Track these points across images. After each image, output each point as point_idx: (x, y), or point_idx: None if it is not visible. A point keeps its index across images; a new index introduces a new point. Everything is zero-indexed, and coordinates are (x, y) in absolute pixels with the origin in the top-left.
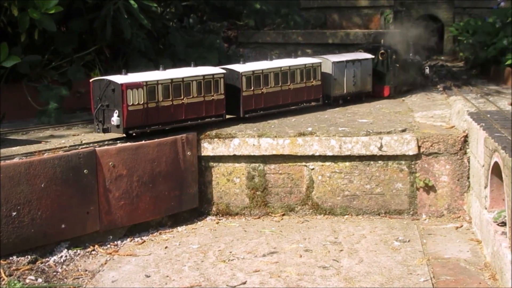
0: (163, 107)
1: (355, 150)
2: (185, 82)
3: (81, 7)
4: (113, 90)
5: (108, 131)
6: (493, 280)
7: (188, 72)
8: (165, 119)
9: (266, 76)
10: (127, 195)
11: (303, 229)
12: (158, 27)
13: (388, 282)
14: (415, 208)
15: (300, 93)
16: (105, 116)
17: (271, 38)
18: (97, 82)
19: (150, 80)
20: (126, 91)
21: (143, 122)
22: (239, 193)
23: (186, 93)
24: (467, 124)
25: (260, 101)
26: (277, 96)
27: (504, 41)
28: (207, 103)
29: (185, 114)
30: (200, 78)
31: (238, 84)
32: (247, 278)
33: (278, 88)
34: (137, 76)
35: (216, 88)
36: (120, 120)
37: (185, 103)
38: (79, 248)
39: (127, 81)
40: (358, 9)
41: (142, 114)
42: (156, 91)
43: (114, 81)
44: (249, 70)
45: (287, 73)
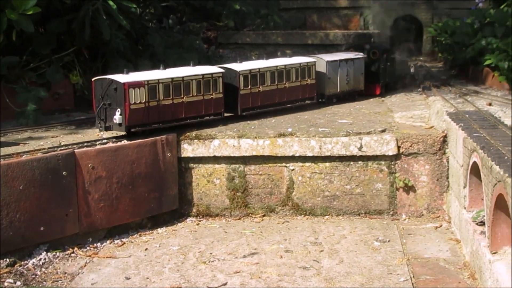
0: (164, 106)
1: (335, 150)
2: (185, 81)
3: (59, 8)
4: (115, 89)
5: (110, 129)
6: (472, 279)
7: (188, 71)
8: (166, 118)
9: (262, 75)
10: (107, 197)
11: (284, 229)
12: (137, 28)
13: (368, 282)
14: (395, 208)
15: (296, 92)
16: (107, 114)
17: (251, 39)
18: (99, 81)
19: (152, 79)
20: (128, 90)
21: (145, 121)
22: (219, 194)
23: (186, 92)
24: (446, 124)
25: (257, 100)
26: (274, 95)
27: (482, 41)
28: (206, 101)
29: (185, 113)
30: (200, 77)
31: (235, 83)
32: (227, 279)
33: (274, 86)
34: (138, 75)
35: (215, 87)
36: (122, 119)
37: (185, 101)
38: (58, 250)
39: (129, 80)
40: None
41: (144, 112)
42: (157, 90)
43: (117, 80)
44: (247, 69)
45: (283, 72)
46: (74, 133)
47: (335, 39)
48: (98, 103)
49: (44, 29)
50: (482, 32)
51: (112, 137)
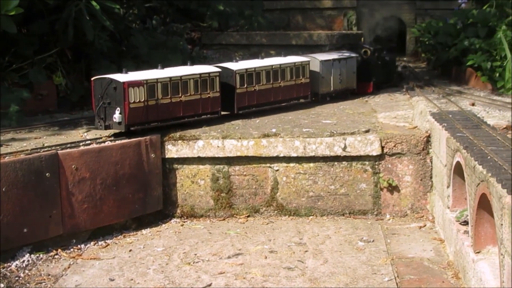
0: (162, 105)
1: (319, 151)
2: (183, 80)
3: (42, 9)
4: (114, 88)
5: (110, 128)
6: (456, 278)
7: (186, 70)
8: (164, 116)
9: (258, 74)
10: (91, 198)
11: (268, 230)
12: (121, 28)
13: (353, 282)
14: (379, 208)
15: (290, 91)
16: (107, 113)
17: (235, 40)
18: (99, 81)
19: (150, 79)
20: (128, 89)
21: (143, 119)
22: (203, 195)
23: (183, 91)
24: (429, 125)
25: (253, 98)
26: (269, 93)
27: (465, 42)
28: (204, 100)
29: (183, 111)
30: (197, 77)
31: (232, 82)
32: (212, 280)
33: (270, 85)
34: (137, 74)
35: (212, 86)
36: (122, 117)
37: (183, 100)
38: (42, 252)
39: (128, 80)
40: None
41: (143, 111)
42: (156, 89)
43: (116, 80)
44: (243, 68)
45: (278, 71)
46: (57, 134)
47: (319, 40)
48: (97, 102)
49: (26, 30)
50: (465, 33)
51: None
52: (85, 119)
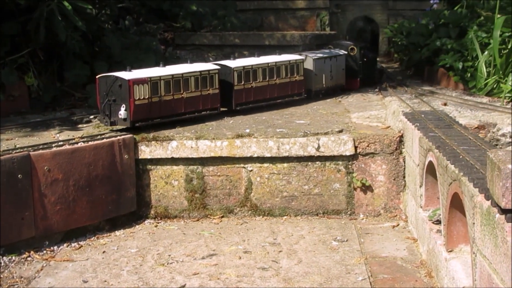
0: (165, 101)
1: (293, 151)
2: (184, 78)
3: (13, 9)
4: (120, 85)
5: (115, 124)
6: (429, 277)
7: (187, 68)
8: (167, 112)
9: (255, 72)
10: (63, 199)
11: (242, 230)
12: (93, 29)
13: (327, 281)
14: (352, 207)
15: (285, 88)
16: (112, 110)
17: (208, 40)
18: (104, 78)
19: (154, 76)
20: (133, 86)
21: (147, 115)
22: (177, 196)
23: (185, 88)
24: (402, 124)
25: (250, 95)
26: (265, 90)
27: (437, 42)
28: (204, 97)
29: (184, 108)
30: (197, 74)
31: (230, 79)
32: (186, 281)
33: (266, 82)
34: (141, 72)
35: (212, 83)
36: (127, 114)
37: (184, 97)
38: (14, 254)
39: (133, 77)
40: (294, 11)
41: (147, 107)
42: (159, 86)
43: (121, 77)
44: (240, 65)
45: (274, 69)
46: (29, 136)
47: (292, 40)
48: (102, 99)
49: None
50: (437, 33)
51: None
52: (57, 120)
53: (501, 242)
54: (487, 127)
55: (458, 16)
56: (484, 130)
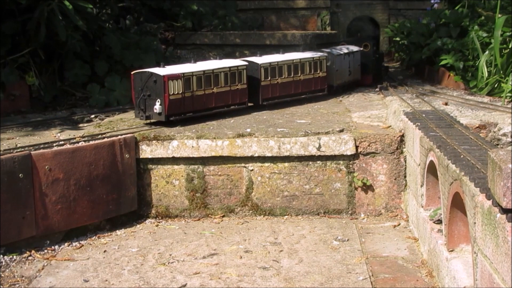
0: (197, 96)
1: (293, 150)
2: (214, 73)
3: (14, 9)
4: (155, 81)
5: (150, 118)
6: (430, 277)
7: (217, 64)
8: (198, 107)
9: (280, 68)
10: (64, 199)
11: (243, 230)
12: (94, 28)
13: (328, 281)
14: (353, 207)
15: (309, 84)
16: (147, 104)
17: (209, 40)
18: (139, 74)
19: (187, 72)
20: (168, 82)
21: (181, 110)
22: (178, 195)
23: (215, 83)
24: (403, 124)
25: (276, 90)
26: (290, 86)
27: (438, 42)
28: (233, 92)
29: (215, 102)
30: (227, 70)
31: (257, 75)
32: (187, 280)
33: (291, 78)
34: (174, 68)
35: (240, 79)
36: (162, 108)
37: (214, 92)
38: (15, 254)
39: (168, 73)
40: (295, 10)
41: (180, 102)
42: (191, 81)
43: (156, 73)
44: (267, 62)
45: (298, 65)
46: (30, 135)
47: (293, 40)
48: (137, 95)
49: None
50: (438, 33)
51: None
52: (58, 120)
53: (502, 242)
54: (488, 127)
55: (459, 15)
56: (485, 129)
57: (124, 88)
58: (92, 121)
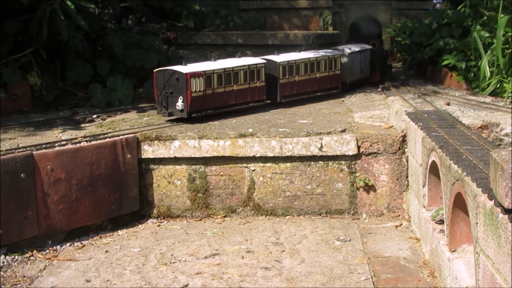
0: (217, 93)
1: (295, 150)
2: (234, 71)
3: (16, 8)
4: (177, 79)
5: (172, 115)
6: (432, 277)
7: (236, 62)
8: (219, 104)
9: (298, 66)
10: (66, 199)
11: (245, 230)
12: (96, 28)
13: (330, 281)
14: (355, 207)
15: (325, 81)
16: (169, 101)
17: (211, 40)
18: (161, 72)
19: (208, 70)
20: (190, 79)
21: (202, 107)
22: (180, 195)
23: (235, 80)
24: (405, 124)
25: (293, 88)
26: (307, 84)
27: (440, 42)
28: (251, 89)
29: (234, 99)
30: (246, 68)
31: (275, 73)
32: (189, 280)
33: (307, 76)
34: (196, 66)
35: (258, 76)
36: (184, 105)
37: (234, 89)
38: (17, 254)
39: (190, 71)
40: (297, 10)
41: (201, 99)
42: (212, 79)
43: (179, 71)
44: (285, 60)
45: (314, 63)
46: (32, 135)
47: (295, 40)
48: (160, 92)
49: (0, 29)
50: (440, 33)
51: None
52: (60, 119)
53: (504, 242)
54: (490, 127)
55: (461, 15)
56: (487, 129)
57: (126, 88)
58: (94, 121)
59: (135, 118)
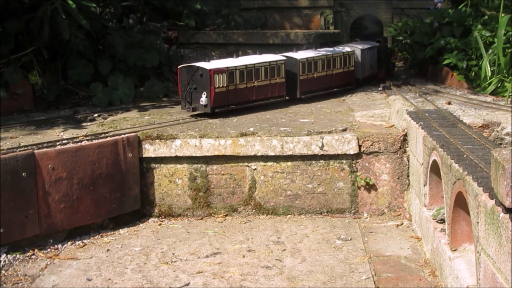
0: (240, 89)
1: (296, 150)
2: (256, 68)
3: (17, 8)
4: (201, 75)
5: (196, 110)
6: (433, 276)
7: (257, 59)
8: (241, 100)
9: (316, 63)
10: (67, 198)
11: (246, 229)
12: (97, 27)
13: (331, 280)
14: (356, 206)
15: (340, 77)
16: (193, 97)
17: (212, 39)
18: (185, 68)
19: (230, 66)
20: (214, 75)
21: (225, 102)
22: (181, 194)
23: (256, 77)
24: (406, 123)
25: (312, 84)
26: (324, 80)
27: (441, 41)
28: (272, 85)
29: (256, 95)
30: (267, 64)
31: (295, 70)
32: (190, 279)
33: (325, 72)
34: (219, 62)
35: (279, 73)
36: (208, 100)
37: (255, 85)
38: (18, 252)
39: (213, 67)
40: (299, 9)
41: (224, 95)
42: (235, 75)
43: (203, 67)
44: (304, 57)
45: (331, 60)
46: (33, 134)
47: (296, 39)
48: (184, 88)
49: (2, 29)
50: (441, 32)
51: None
52: (61, 118)
53: (505, 241)
54: (491, 126)
55: (462, 15)
56: (488, 129)
57: (127, 87)
58: (95, 120)
59: (136, 117)
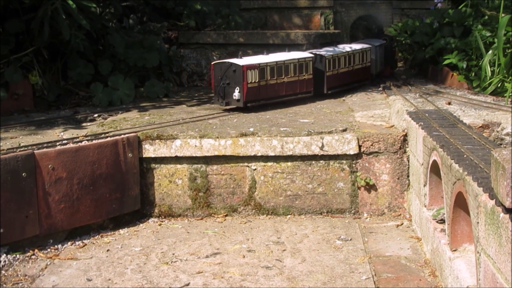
0: (270, 85)
1: (296, 150)
2: (285, 64)
3: (18, 8)
4: (234, 71)
5: (229, 104)
6: (433, 276)
7: (287, 56)
8: (271, 95)
9: (339, 59)
10: (67, 198)
11: (246, 229)
12: (97, 27)
13: (331, 280)
14: (356, 207)
15: (359, 73)
16: (226, 92)
17: (212, 39)
18: (218, 65)
19: (262, 62)
20: (246, 71)
21: (256, 97)
22: (181, 195)
23: (286, 73)
24: (406, 123)
25: (337, 80)
26: (347, 76)
27: (441, 41)
28: (300, 81)
29: (285, 91)
30: (296, 61)
31: (321, 66)
32: (190, 279)
33: (347, 69)
34: (251, 59)
35: (307, 69)
36: (240, 95)
37: (285, 81)
38: (18, 252)
39: (246, 63)
40: (299, 9)
41: (256, 90)
42: (266, 71)
43: (236, 63)
44: (330, 54)
45: (351, 57)
46: (33, 134)
47: (296, 39)
48: (217, 83)
49: (2, 29)
50: (441, 32)
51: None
52: (61, 119)
53: (505, 242)
54: (491, 126)
55: (463, 15)
56: (489, 129)
57: (127, 87)
58: (95, 120)
59: (136, 117)
